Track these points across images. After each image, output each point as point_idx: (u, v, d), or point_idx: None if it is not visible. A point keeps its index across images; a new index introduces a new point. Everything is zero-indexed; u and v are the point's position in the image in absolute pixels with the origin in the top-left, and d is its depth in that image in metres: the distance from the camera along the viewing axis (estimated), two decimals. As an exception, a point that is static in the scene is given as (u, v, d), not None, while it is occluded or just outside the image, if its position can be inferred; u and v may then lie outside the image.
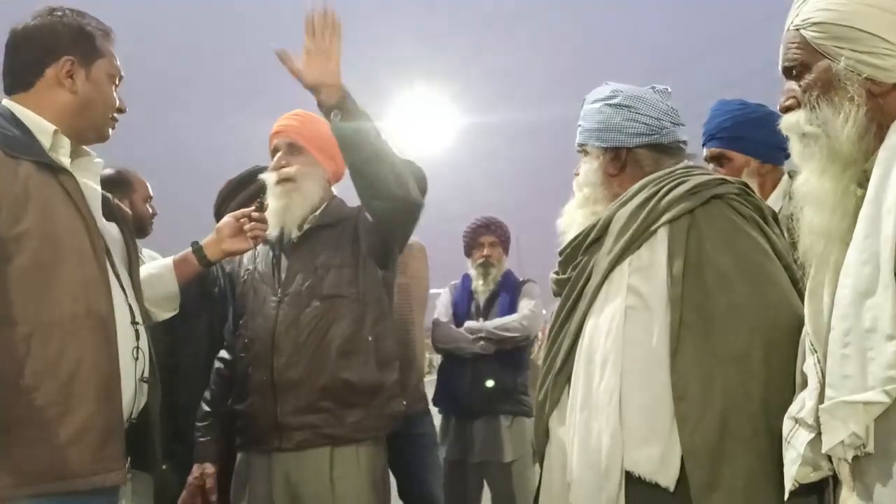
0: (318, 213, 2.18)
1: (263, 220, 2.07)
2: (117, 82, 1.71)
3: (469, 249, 3.61)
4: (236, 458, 2.18)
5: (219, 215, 2.63)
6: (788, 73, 1.21)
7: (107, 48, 1.69)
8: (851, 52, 1.11)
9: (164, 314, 2.02)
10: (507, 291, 3.46)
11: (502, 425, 3.20)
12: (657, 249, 1.41)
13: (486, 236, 3.56)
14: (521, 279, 3.55)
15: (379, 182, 1.93)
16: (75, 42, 1.62)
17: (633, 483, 1.34)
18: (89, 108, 1.64)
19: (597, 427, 1.37)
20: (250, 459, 2.11)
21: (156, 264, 2.07)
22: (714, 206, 1.43)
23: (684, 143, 1.64)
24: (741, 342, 1.32)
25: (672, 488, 1.31)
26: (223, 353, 2.26)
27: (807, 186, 1.15)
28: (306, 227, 2.16)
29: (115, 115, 1.71)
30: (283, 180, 2.16)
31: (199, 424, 2.19)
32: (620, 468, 1.34)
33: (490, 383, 2.94)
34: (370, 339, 2.05)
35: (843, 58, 1.12)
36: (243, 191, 2.60)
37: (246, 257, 2.27)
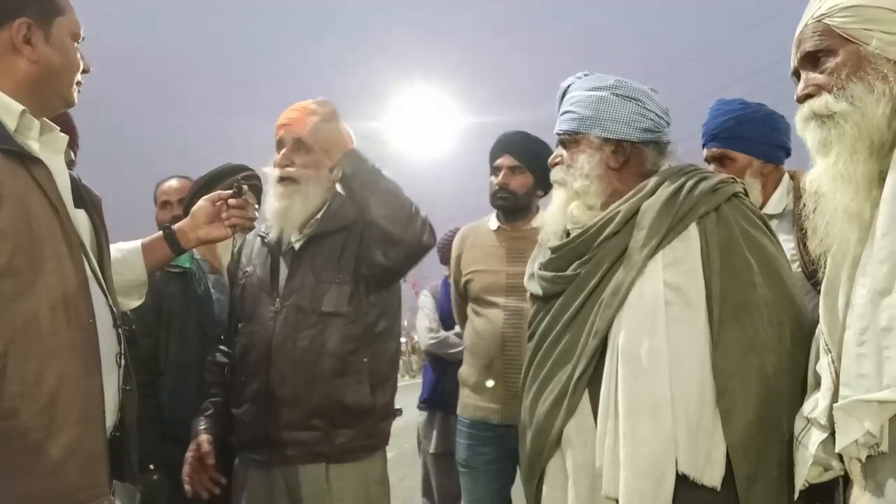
0: (319, 216, 2.08)
1: (242, 207, 1.92)
2: (79, 41, 1.46)
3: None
4: (235, 460, 2.16)
5: (188, 213, 2.58)
6: (810, 59, 1.18)
7: (65, 0, 1.42)
8: (882, 33, 1.10)
9: (130, 303, 1.81)
10: None
11: None
12: (690, 244, 1.39)
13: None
14: None
15: (395, 228, 1.89)
16: None
17: (677, 484, 1.31)
18: (53, 76, 1.39)
19: (647, 432, 1.32)
20: (249, 462, 2.08)
21: (122, 248, 1.81)
22: (734, 204, 1.44)
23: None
24: (771, 336, 1.33)
25: (718, 487, 1.29)
26: (222, 347, 2.18)
27: (833, 171, 1.11)
28: (308, 231, 2.07)
29: (80, 77, 1.48)
30: (285, 179, 2.05)
31: (197, 412, 2.09)
32: (674, 473, 1.30)
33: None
34: (365, 360, 1.99)
35: (874, 39, 1.10)
36: (213, 188, 2.45)
37: (245, 257, 2.19)
